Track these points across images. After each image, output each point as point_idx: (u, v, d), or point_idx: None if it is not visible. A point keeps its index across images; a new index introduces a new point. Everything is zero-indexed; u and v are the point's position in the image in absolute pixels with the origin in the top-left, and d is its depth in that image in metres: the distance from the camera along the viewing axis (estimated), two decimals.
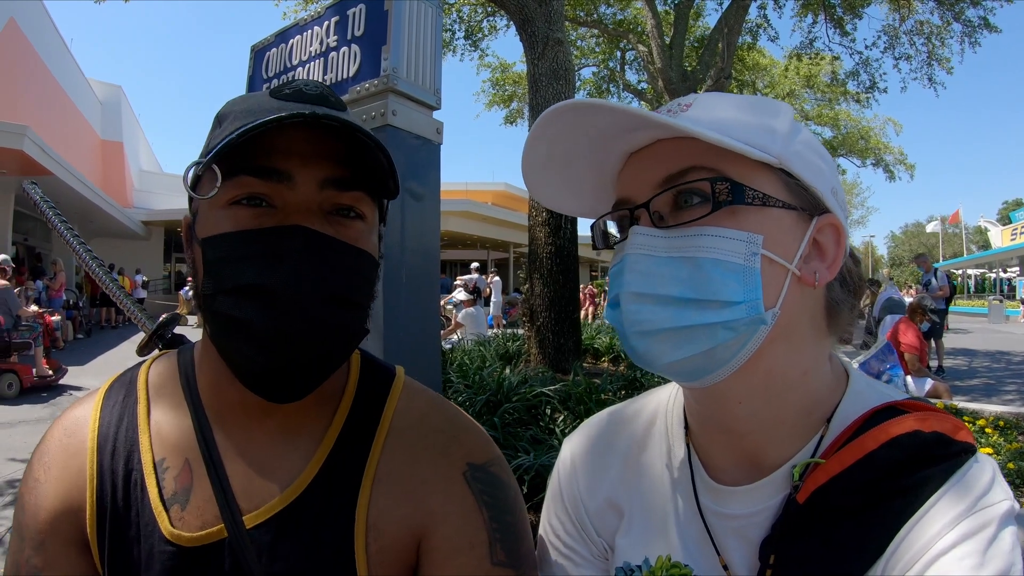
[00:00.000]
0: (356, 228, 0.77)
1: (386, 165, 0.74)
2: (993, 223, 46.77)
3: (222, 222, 0.72)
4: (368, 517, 0.78)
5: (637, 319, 0.69)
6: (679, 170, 0.70)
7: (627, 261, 0.70)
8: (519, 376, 5.40)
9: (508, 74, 19.71)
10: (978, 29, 12.92)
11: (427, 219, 2.78)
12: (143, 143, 34.23)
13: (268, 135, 0.70)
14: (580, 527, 0.90)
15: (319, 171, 0.73)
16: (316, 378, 0.76)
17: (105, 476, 0.80)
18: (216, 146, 0.69)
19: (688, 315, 0.67)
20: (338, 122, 0.69)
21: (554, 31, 7.32)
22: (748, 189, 0.68)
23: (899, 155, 27.15)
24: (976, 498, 0.63)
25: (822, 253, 0.73)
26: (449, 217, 23.56)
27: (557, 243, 7.14)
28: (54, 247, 20.40)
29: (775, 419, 0.73)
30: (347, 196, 0.75)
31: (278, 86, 0.78)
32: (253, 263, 0.70)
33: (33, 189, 1.39)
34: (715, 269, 0.66)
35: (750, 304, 0.66)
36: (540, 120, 0.74)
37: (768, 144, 0.70)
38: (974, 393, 8.74)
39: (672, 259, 0.68)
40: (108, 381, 0.90)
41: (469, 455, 0.86)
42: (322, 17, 3.02)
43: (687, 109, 0.74)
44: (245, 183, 0.72)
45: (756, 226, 0.68)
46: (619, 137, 0.75)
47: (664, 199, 0.71)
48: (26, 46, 17.49)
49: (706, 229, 0.67)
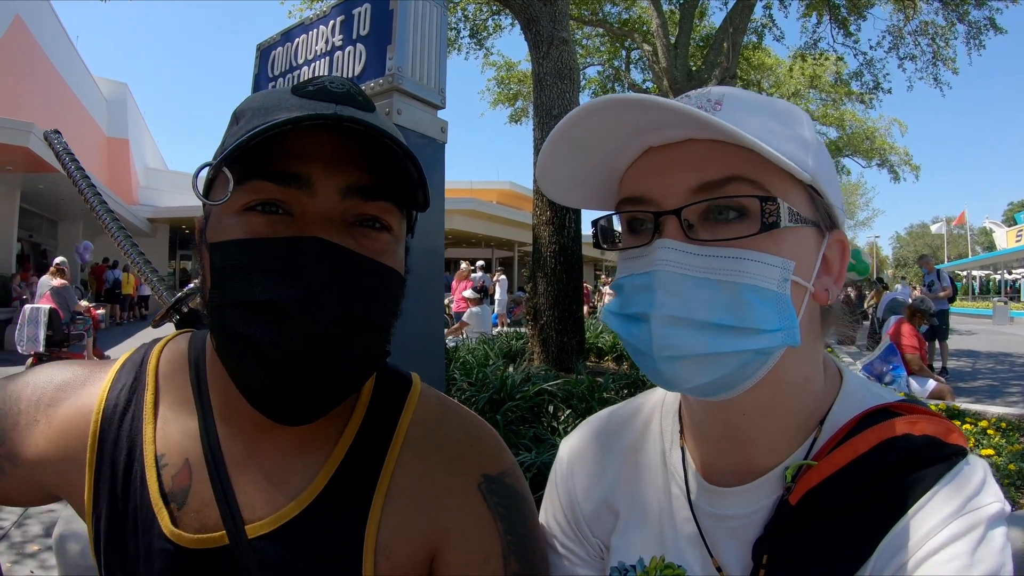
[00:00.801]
0: (382, 241, 0.72)
1: (416, 176, 0.69)
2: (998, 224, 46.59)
3: (234, 228, 0.67)
4: (379, 535, 0.75)
5: (669, 343, 0.65)
6: (720, 178, 0.65)
7: (658, 279, 0.65)
8: (522, 374, 5.40)
9: (513, 73, 19.72)
10: (983, 30, 12.90)
11: (431, 218, 2.77)
12: (149, 140, 34.23)
13: (287, 136, 0.65)
14: (576, 528, 0.91)
15: (342, 178, 0.67)
16: (327, 403, 0.71)
17: (105, 461, 0.77)
18: (228, 148, 0.63)
19: (725, 342, 0.64)
20: (363, 125, 0.64)
21: (559, 30, 7.33)
22: (791, 210, 0.66)
23: (904, 156, 27.10)
24: (966, 499, 0.63)
25: (829, 268, 0.72)
26: (454, 216, 23.55)
27: (561, 242, 7.14)
28: (59, 244, 20.47)
29: (778, 425, 0.73)
30: (372, 206, 0.70)
31: (302, 82, 0.71)
32: (265, 276, 0.65)
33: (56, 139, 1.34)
34: (754, 296, 0.63)
35: (787, 332, 0.64)
36: (580, 112, 0.67)
37: (804, 159, 0.67)
38: (978, 395, 8.73)
39: (709, 281, 0.64)
40: (120, 360, 0.86)
41: (484, 466, 0.83)
42: (327, 16, 3.03)
43: (719, 108, 0.69)
44: (260, 188, 0.66)
45: (790, 250, 0.66)
46: (651, 132, 0.69)
47: (696, 207, 0.66)
48: (32, 43, 17.51)
49: (747, 253, 0.64)
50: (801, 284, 0.67)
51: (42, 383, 0.82)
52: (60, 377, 0.83)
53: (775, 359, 0.66)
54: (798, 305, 0.67)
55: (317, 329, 0.64)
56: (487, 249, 33.95)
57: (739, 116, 0.67)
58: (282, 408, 0.69)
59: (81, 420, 0.79)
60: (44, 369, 0.85)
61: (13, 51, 16.02)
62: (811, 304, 0.70)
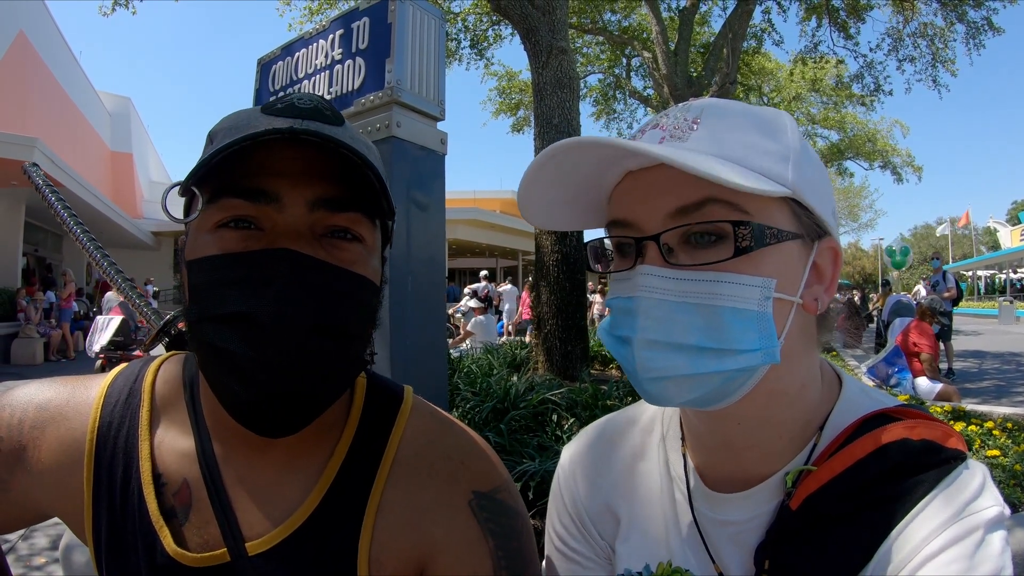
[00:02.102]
0: (352, 251, 0.72)
1: (376, 184, 0.69)
2: (1002, 224, 46.24)
3: (208, 245, 0.68)
4: (371, 550, 0.76)
5: (651, 366, 0.67)
6: (694, 201, 0.66)
7: (639, 304, 0.67)
8: (526, 383, 5.40)
9: (514, 82, 19.76)
10: (982, 30, 12.91)
11: (432, 228, 2.81)
12: (152, 154, 34.46)
13: (258, 154, 0.66)
14: (582, 527, 0.92)
15: (309, 191, 0.68)
16: (307, 413, 0.71)
17: (102, 479, 0.78)
18: (195, 167, 0.65)
19: (705, 363, 0.65)
20: (319, 137, 0.65)
21: (558, 40, 7.36)
22: (767, 229, 0.66)
23: (907, 157, 26.99)
24: (964, 503, 0.63)
25: (820, 276, 0.72)
26: (457, 225, 23.59)
27: (563, 250, 7.14)
28: (64, 258, 20.55)
29: (775, 433, 0.74)
30: (341, 217, 0.71)
31: (272, 100, 0.73)
32: (236, 289, 0.66)
33: (35, 172, 1.31)
34: (733, 318, 0.64)
35: (766, 352, 0.65)
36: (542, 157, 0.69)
37: (782, 172, 0.67)
38: (984, 395, 8.67)
39: (687, 305, 0.65)
40: (109, 377, 0.86)
41: (475, 483, 0.83)
42: (327, 30, 3.06)
43: (696, 127, 0.69)
44: (231, 205, 0.67)
45: (770, 268, 0.66)
46: (627, 158, 0.70)
47: (674, 231, 0.67)
48: (36, 59, 17.65)
49: (724, 276, 0.65)
50: (786, 300, 0.67)
51: (21, 404, 0.82)
52: (40, 396, 0.83)
53: (760, 374, 0.67)
54: (783, 320, 0.67)
55: (289, 338, 0.65)
56: (491, 259, 33.97)
57: (718, 133, 0.68)
58: (262, 420, 0.69)
59: (73, 439, 0.80)
60: (19, 389, 0.84)
61: (17, 67, 16.14)
62: (801, 314, 0.70)
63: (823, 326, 0.76)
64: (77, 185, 14.74)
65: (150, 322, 1.30)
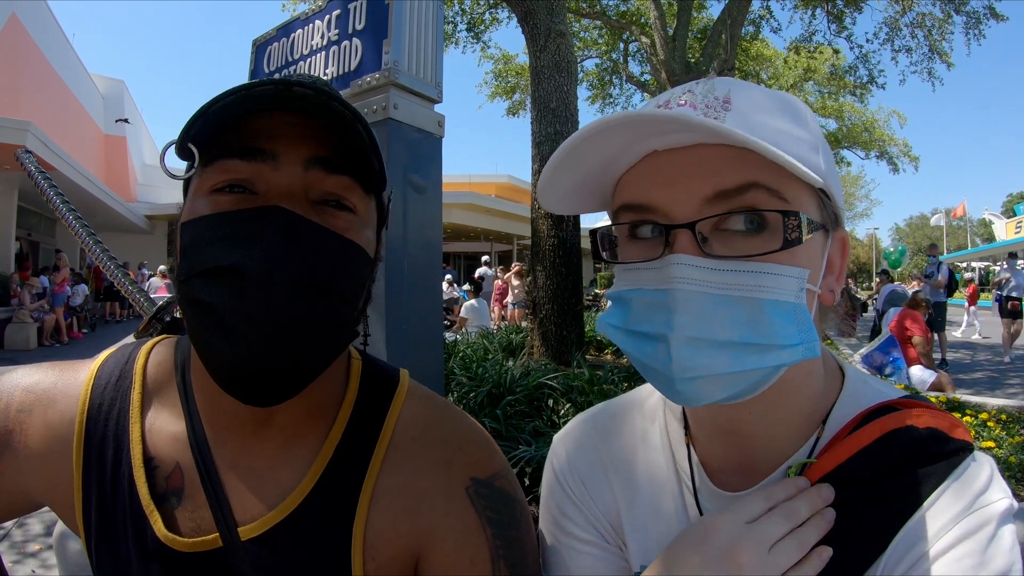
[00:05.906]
0: (344, 219, 0.72)
1: (366, 139, 0.70)
2: (997, 216, 46.40)
3: (202, 209, 0.68)
4: (366, 535, 0.76)
5: (691, 365, 0.62)
6: (736, 186, 0.62)
7: (676, 297, 0.62)
8: (521, 368, 5.41)
9: (511, 66, 19.66)
10: (983, 20, 12.83)
11: (429, 211, 2.79)
12: (146, 137, 34.16)
13: (252, 121, 0.68)
14: (590, 517, 0.87)
15: (304, 149, 0.69)
16: (294, 379, 0.69)
17: (92, 462, 0.77)
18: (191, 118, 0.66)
19: (748, 360, 0.61)
20: (313, 89, 0.65)
21: (556, 24, 7.32)
22: (809, 220, 0.63)
23: (903, 147, 26.98)
24: (974, 496, 0.62)
25: (831, 267, 0.71)
26: (452, 209, 23.50)
27: (560, 235, 7.14)
28: (58, 241, 20.45)
29: (782, 420, 0.72)
30: (334, 181, 0.71)
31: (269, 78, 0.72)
32: (226, 244, 0.65)
33: (27, 158, 1.32)
34: (775, 311, 0.61)
35: (808, 346, 0.62)
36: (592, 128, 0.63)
37: (816, 161, 0.65)
38: (977, 386, 8.73)
39: (729, 298, 0.61)
40: (99, 359, 0.85)
41: (473, 469, 0.82)
42: (323, 11, 3.02)
43: (729, 107, 0.65)
44: (227, 167, 0.68)
45: (805, 259, 0.64)
46: (656, 136, 0.65)
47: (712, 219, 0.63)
48: (28, 41, 17.46)
49: (767, 267, 0.61)
50: (812, 291, 0.66)
51: (7, 387, 0.81)
52: (27, 379, 0.82)
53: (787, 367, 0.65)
54: (810, 312, 0.65)
55: (276, 293, 0.64)
56: (486, 243, 33.91)
57: (750, 116, 0.64)
58: (248, 383, 0.67)
59: (62, 421, 0.79)
60: (5, 375, 0.83)
61: (9, 49, 15.98)
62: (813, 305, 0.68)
63: (823, 317, 0.75)
64: (70, 169, 14.61)
65: (141, 308, 1.29)
